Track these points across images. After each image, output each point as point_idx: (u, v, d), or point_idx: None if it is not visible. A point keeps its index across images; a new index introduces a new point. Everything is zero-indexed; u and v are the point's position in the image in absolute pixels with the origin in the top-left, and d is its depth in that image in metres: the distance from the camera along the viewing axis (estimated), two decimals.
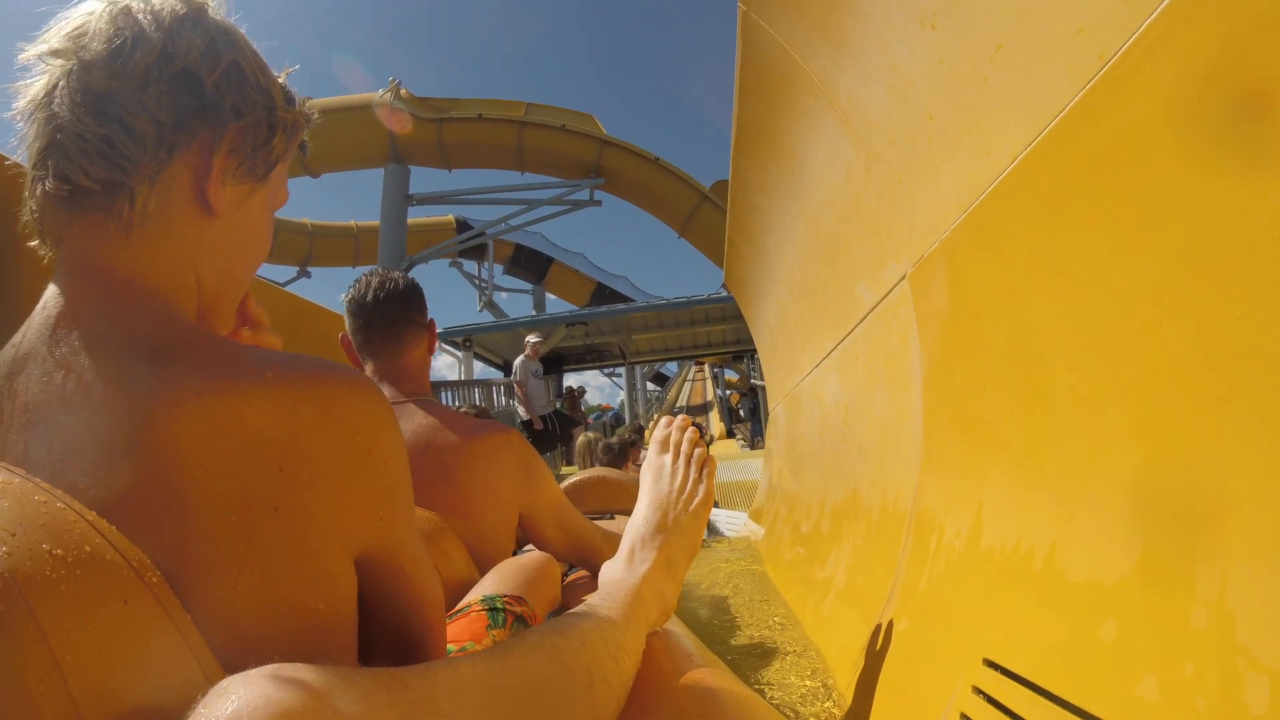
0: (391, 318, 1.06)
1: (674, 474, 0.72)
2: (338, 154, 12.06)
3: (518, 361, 6.76)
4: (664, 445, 0.75)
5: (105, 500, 0.35)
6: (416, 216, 16.29)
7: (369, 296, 1.06)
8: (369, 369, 1.07)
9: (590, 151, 12.36)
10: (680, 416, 0.78)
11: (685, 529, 0.68)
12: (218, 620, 0.36)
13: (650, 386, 24.17)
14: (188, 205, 0.46)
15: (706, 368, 22.84)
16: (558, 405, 7.69)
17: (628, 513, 2.45)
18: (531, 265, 18.05)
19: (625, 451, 3.26)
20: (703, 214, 12.88)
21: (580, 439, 3.59)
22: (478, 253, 16.49)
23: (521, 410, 6.87)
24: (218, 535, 0.37)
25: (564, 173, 12.61)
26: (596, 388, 47.90)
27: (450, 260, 17.04)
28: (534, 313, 15.02)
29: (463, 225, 15.41)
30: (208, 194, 0.46)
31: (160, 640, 0.33)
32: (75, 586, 0.30)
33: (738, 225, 2.37)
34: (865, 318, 1.35)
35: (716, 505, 3.69)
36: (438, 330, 1.13)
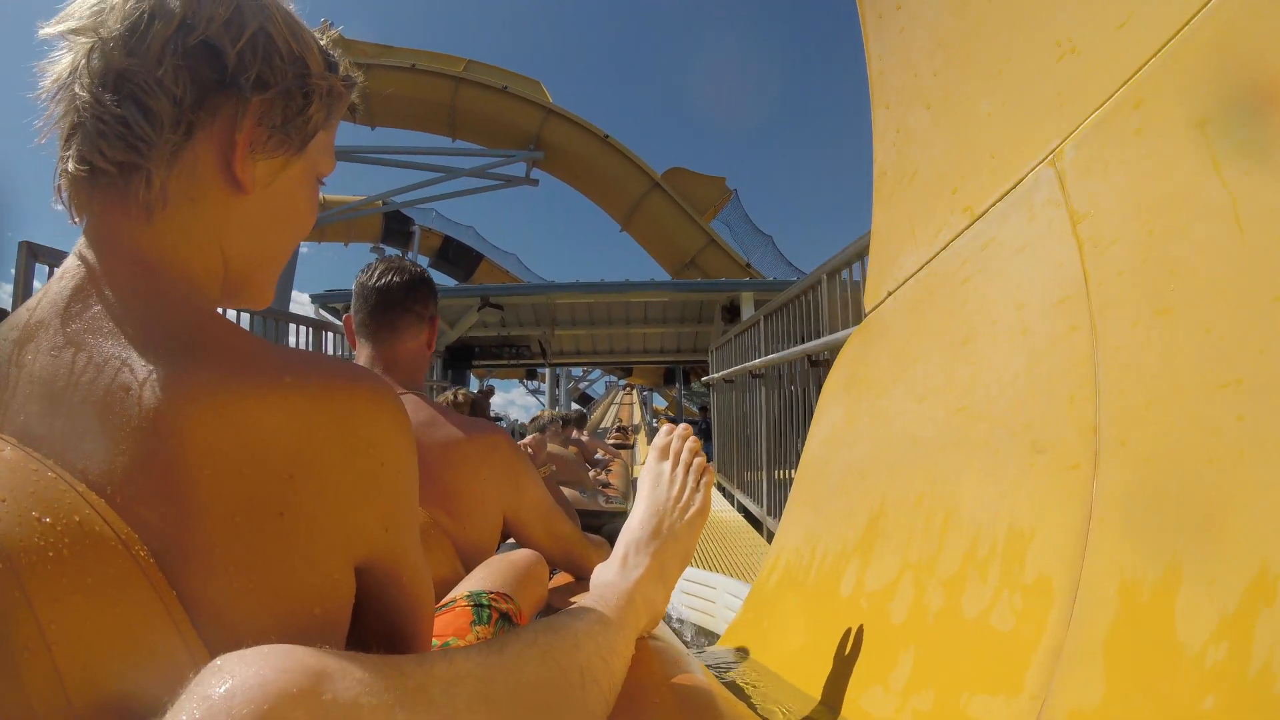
0: (391, 304, 1.05)
1: (672, 482, 0.72)
2: None
3: None
4: (664, 453, 0.74)
5: (103, 486, 0.35)
6: (342, 193, 14.75)
7: (374, 280, 1.06)
8: (364, 353, 1.07)
9: (532, 120, 11.06)
10: (682, 425, 0.76)
11: (680, 536, 0.69)
12: (208, 616, 0.35)
13: (574, 406, 22.95)
14: (214, 183, 0.44)
15: (635, 392, 22.04)
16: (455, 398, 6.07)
17: (571, 485, 3.22)
18: (460, 260, 16.82)
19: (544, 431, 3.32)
20: (651, 204, 11.65)
21: (545, 414, 3.37)
22: (402, 240, 14.98)
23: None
24: (217, 535, 0.35)
25: (500, 142, 11.27)
26: (522, 406, 46.03)
27: (372, 245, 15.59)
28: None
29: (393, 218, 13.94)
30: (235, 170, 0.44)
31: (145, 614, 0.32)
32: (62, 554, 0.31)
33: None
34: None
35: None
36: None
